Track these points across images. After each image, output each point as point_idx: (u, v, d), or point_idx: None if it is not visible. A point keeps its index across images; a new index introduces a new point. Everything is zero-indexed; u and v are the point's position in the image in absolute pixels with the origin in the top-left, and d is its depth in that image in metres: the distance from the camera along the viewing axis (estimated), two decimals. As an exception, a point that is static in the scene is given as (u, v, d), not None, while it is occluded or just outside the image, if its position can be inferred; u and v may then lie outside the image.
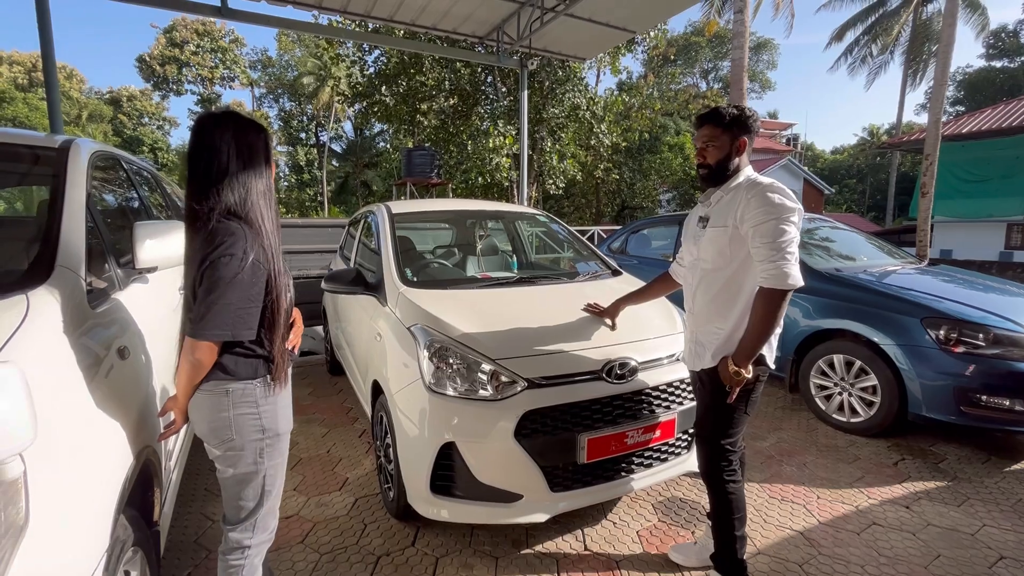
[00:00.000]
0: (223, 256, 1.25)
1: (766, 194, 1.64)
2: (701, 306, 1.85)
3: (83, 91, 32.63)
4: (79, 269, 1.42)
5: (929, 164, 9.45)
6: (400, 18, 6.51)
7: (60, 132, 4.60)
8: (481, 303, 2.45)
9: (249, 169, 1.38)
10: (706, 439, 1.84)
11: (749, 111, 1.76)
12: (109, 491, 1.18)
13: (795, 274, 1.59)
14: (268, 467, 1.43)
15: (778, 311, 1.63)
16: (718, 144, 1.76)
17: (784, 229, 1.60)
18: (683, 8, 6.31)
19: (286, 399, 1.49)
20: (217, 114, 1.38)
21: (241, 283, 1.27)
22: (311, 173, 32.69)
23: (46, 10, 4.68)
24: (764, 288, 1.63)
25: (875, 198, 34.76)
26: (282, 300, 1.40)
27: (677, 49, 27.55)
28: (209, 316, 1.25)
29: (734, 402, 1.73)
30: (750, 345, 1.66)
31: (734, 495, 1.80)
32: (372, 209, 3.51)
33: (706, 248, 1.81)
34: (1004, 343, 2.81)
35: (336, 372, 4.41)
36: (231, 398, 1.36)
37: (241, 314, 1.29)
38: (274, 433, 1.43)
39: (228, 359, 1.35)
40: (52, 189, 1.63)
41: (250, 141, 1.39)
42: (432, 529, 2.25)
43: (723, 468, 1.81)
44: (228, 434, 1.36)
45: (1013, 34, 28.11)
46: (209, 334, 1.26)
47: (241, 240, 1.28)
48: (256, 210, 1.37)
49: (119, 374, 1.41)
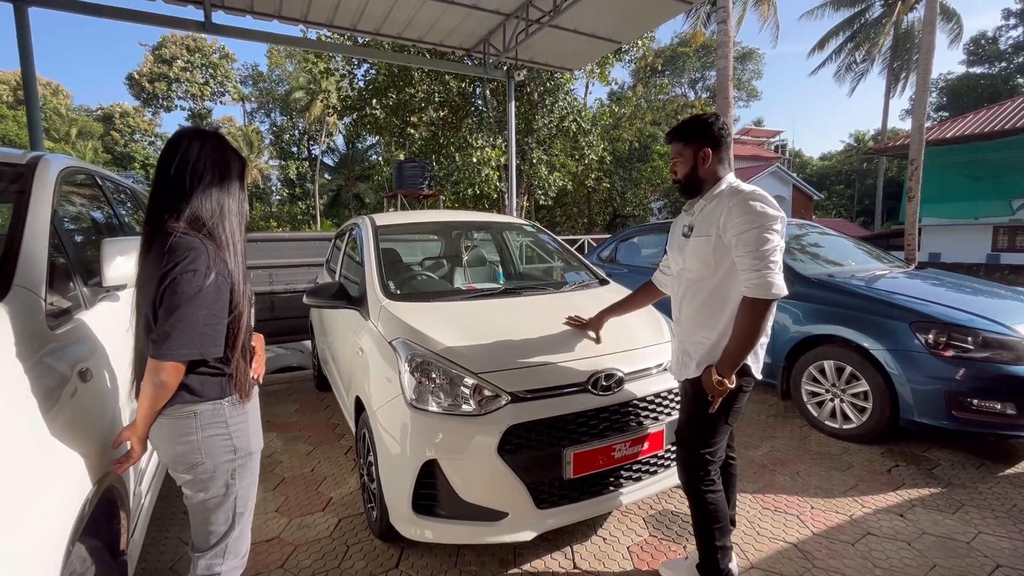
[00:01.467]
0: (185, 272, 1.20)
1: (748, 202, 1.62)
2: (687, 316, 1.83)
3: (68, 107, 32.50)
4: (38, 289, 1.37)
5: (914, 169, 9.55)
6: (387, 31, 6.55)
7: (40, 148, 4.55)
8: (465, 315, 2.41)
9: (224, 186, 1.36)
10: (686, 448, 1.83)
11: (708, 119, 1.74)
12: (61, 522, 1.11)
13: (779, 283, 1.57)
14: (240, 488, 1.39)
15: (762, 321, 1.61)
16: (682, 159, 1.78)
17: (767, 237, 1.58)
18: (666, 19, 6.38)
19: (255, 416, 1.46)
20: (199, 128, 1.39)
21: (206, 299, 1.23)
22: (303, 187, 32.69)
23: (26, 26, 4.65)
24: (747, 298, 1.61)
25: (864, 203, 35.17)
26: (244, 317, 1.36)
27: (665, 60, 27.87)
28: (175, 335, 1.20)
29: (716, 412, 1.71)
30: (734, 355, 1.64)
31: (713, 505, 1.78)
32: (357, 222, 3.48)
33: (691, 257, 1.79)
34: (993, 346, 2.80)
35: (324, 388, 4.34)
36: (199, 420, 1.31)
37: (207, 331, 1.24)
38: (246, 452, 1.40)
39: (194, 380, 1.30)
40: (15, 206, 1.58)
41: (227, 160, 1.38)
42: (417, 550, 2.18)
43: (702, 478, 1.79)
44: (197, 458, 1.31)
45: (992, 41, 28.69)
46: (176, 353, 1.21)
47: (203, 255, 1.24)
48: (226, 226, 1.34)
49: (81, 397, 1.35)
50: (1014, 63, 28.17)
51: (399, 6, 5.81)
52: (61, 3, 4.86)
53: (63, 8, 4.89)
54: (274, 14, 5.86)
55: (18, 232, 1.47)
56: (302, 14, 5.95)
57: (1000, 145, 11.83)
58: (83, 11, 4.96)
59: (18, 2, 4.61)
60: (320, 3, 5.69)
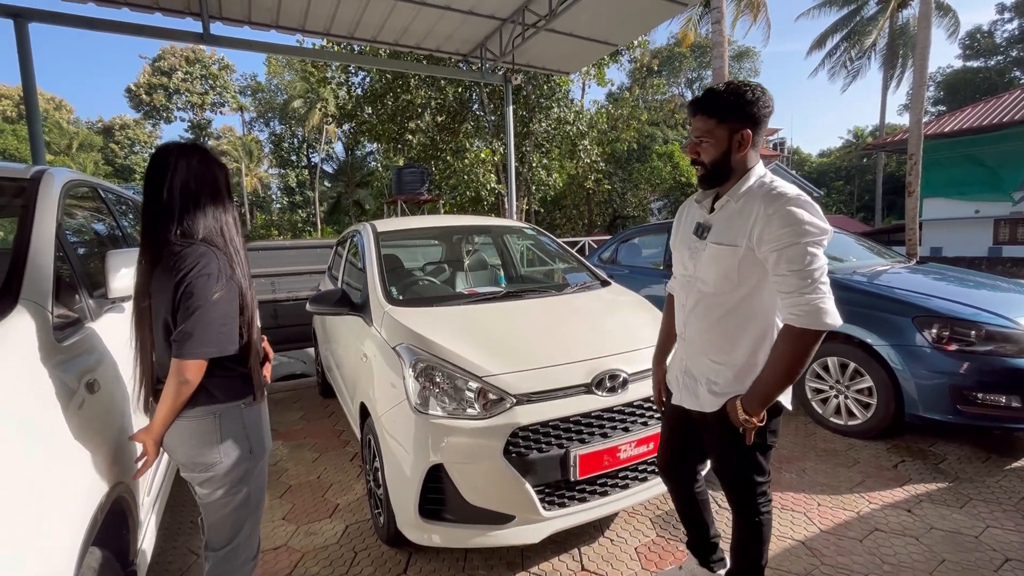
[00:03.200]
0: (199, 276, 1.28)
1: (791, 210, 1.29)
2: (695, 333, 1.55)
3: (70, 121, 32.73)
4: (45, 302, 1.38)
5: (913, 164, 9.56)
6: (383, 38, 6.59)
7: (42, 162, 4.58)
8: (468, 319, 2.42)
9: (216, 199, 1.42)
10: (734, 481, 1.56)
11: (753, 93, 1.36)
12: (72, 531, 1.12)
13: (832, 310, 1.28)
14: (254, 489, 1.46)
15: (807, 355, 1.32)
16: (713, 140, 1.42)
17: (815, 254, 1.28)
18: (661, 21, 6.42)
19: (265, 416, 1.52)
20: (181, 144, 1.42)
21: (221, 300, 1.31)
22: (303, 194, 32.78)
23: (26, 41, 4.69)
24: (794, 328, 1.30)
25: (863, 199, 35.13)
26: (255, 318, 1.44)
27: (661, 60, 27.97)
28: (196, 335, 1.27)
29: (754, 441, 1.44)
30: (767, 392, 1.36)
31: (769, 524, 1.59)
32: (358, 228, 3.49)
33: (707, 267, 1.47)
34: (997, 339, 2.79)
35: (328, 395, 4.34)
36: (219, 421, 1.37)
37: (224, 330, 1.32)
38: (261, 451, 1.47)
39: (212, 382, 1.36)
40: (20, 220, 1.60)
41: (214, 173, 1.44)
42: (424, 555, 2.18)
43: (759, 502, 1.55)
44: (216, 458, 1.37)
45: (988, 34, 28.74)
46: (198, 352, 1.28)
47: (213, 260, 1.31)
48: (225, 235, 1.42)
49: (89, 409, 1.36)
50: (1010, 56, 28.21)
51: (395, 14, 5.86)
52: (61, 18, 4.91)
53: (63, 23, 4.94)
54: (272, 24, 5.92)
55: (24, 246, 1.48)
56: (299, 24, 6.00)
57: (999, 138, 11.83)
58: (83, 25, 5.01)
59: (18, 17, 4.66)
60: (317, 13, 5.74)
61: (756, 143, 1.42)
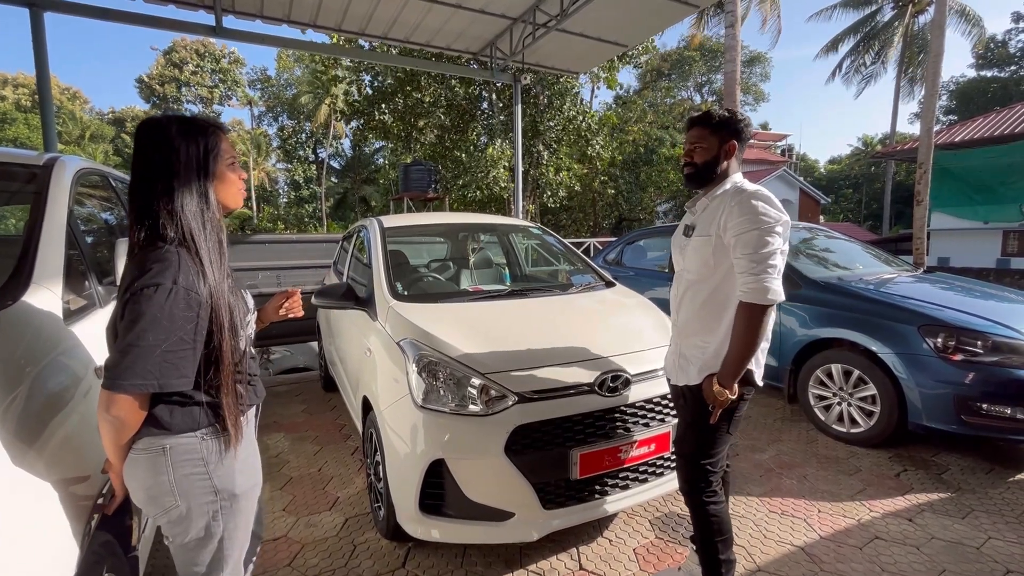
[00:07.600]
0: (147, 286, 1.00)
1: (750, 202, 1.55)
2: (685, 318, 1.77)
3: (86, 111, 33.01)
4: (55, 287, 1.40)
5: (923, 173, 9.50)
6: (395, 36, 6.60)
7: (53, 150, 4.62)
8: (472, 316, 2.42)
9: (184, 182, 1.11)
10: (686, 458, 1.76)
11: (740, 115, 1.70)
12: (77, 513, 1.13)
13: (776, 288, 1.51)
14: (225, 531, 1.17)
15: (759, 327, 1.54)
16: (706, 145, 1.69)
17: (767, 240, 1.51)
18: (673, 22, 6.40)
19: (246, 450, 1.22)
20: (149, 120, 1.14)
21: (171, 319, 1.01)
22: (310, 189, 32.87)
23: (41, 31, 4.73)
24: (744, 303, 1.54)
25: (872, 207, 34.90)
26: (229, 341, 1.13)
27: (671, 63, 27.87)
28: (126, 362, 0.98)
29: (717, 421, 1.64)
30: (734, 364, 1.57)
31: (716, 517, 1.72)
32: (364, 223, 3.50)
33: (691, 258, 1.73)
34: (1003, 350, 2.77)
35: (330, 389, 4.36)
36: (169, 457, 1.09)
37: (171, 358, 1.02)
38: (230, 494, 1.16)
39: (161, 409, 1.08)
40: (32, 206, 1.62)
41: (185, 148, 1.12)
42: (423, 549, 2.19)
43: (703, 489, 1.72)
44: (170, 500, 1.10)
45: (1002, 44, 28.48)
46: (128, 384, 0.98)
47: (172, 268, 1.03)
48: (189, 231, 1.09)
49: (94, 395, 1.37)
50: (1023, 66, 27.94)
51: (407, 10, 5.87)
52: (76, 7, 4.95)
53: (78, 13, 4.97)
54: (283, 18, 5.94)
55: (36, 232, 1.50)
56: (311, 19, 6.01)
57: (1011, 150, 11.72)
58: (97, 15, 5.04)
59: (33, 6, 4.70)
60: (329, 7, 5.75)
61: (739, 156, 1.73)
